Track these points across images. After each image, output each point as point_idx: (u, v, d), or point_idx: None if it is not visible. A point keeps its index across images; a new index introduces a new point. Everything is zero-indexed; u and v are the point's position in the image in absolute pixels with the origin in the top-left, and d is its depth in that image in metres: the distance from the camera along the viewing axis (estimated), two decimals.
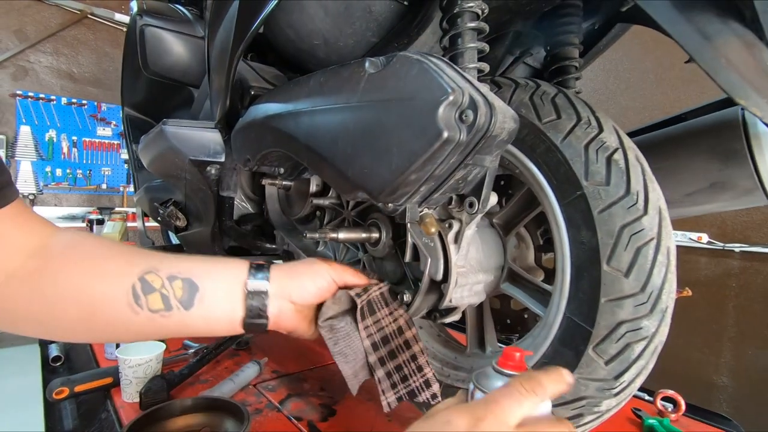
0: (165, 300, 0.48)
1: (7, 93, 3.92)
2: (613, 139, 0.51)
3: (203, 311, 0.49)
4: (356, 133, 0.47)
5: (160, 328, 0.49)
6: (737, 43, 0.39)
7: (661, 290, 0.48)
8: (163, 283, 0.48)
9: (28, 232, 0.48)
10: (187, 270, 0.49)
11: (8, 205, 0.45)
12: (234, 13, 0.68)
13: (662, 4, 0.40)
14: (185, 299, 0.48)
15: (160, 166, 0.94)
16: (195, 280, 0.49)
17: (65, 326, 0.49)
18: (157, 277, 0.48)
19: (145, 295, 0.47)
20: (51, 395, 0.80)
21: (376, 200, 0.48)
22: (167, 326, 0.49)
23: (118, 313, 0.47)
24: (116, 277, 0.48)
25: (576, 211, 0.52)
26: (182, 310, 0.48)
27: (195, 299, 0.49)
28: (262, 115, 0.62)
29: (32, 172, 4.00)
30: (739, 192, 0.62)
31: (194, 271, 0.50)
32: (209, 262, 0.52)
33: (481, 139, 0.43)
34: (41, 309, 0.47)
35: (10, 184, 0.46)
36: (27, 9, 3.99)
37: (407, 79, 0.44)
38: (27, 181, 3.96)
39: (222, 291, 0.50)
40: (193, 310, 0.49)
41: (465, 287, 0.59)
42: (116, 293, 0.47)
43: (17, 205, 0.47)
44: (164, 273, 0.48)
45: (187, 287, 0.49)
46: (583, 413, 0.52)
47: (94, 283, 0.47)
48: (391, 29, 0.69)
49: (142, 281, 0.47)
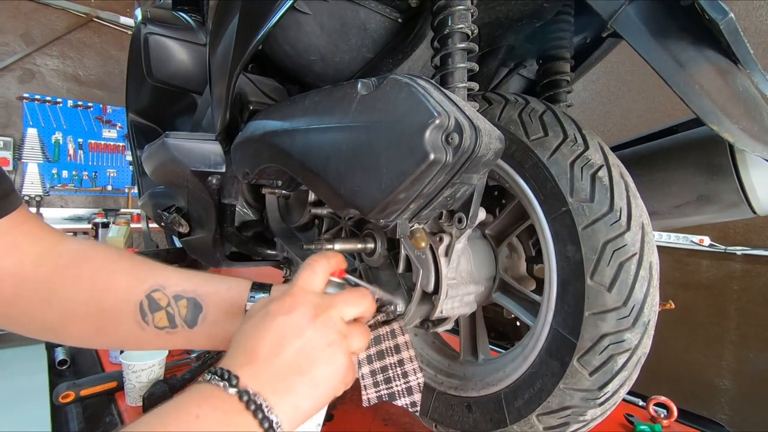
0: (170, 318, 0.50)
1: (14, 96, 3.97)
2: (597, 157, 0.53)
3: (206, 330, 0.52)
4: (348, 153, 0.49)
5: (165, 342, 0.52)
6: (711, 69, 0.40)
7: (644, 304, 0.50)
8: (169, 301, 0.50)
9: (36, 240, 0.49)
10: (192, 290, 0.52)
11: (13, 212, 0.47)
12: (234, 29, 0.70)
13: (639, 31, 0.41)
14: (189, 318, 0.51)
15: (162, 176, 0.97)
16: (199, 300, 0.51)
17: (75, 336, 0.51)
18: (164, 296, 0.50)
19: (152, 312, 0.50)
20: (57, 399, 0.82)
21: (367, 217, 0.50)
22: (172, 341, 0.52)
23: (126, 328, 0.50)
24: (125, 293, 0.50)
25: (562, 226, 0.53)
26: (186, 328, 0.51)
27: (198, 319, 0.51)
28: (260, 131, 0.65)
29: (39, 173, 4.05)
30: (725, 205, 0.64)
31: (199, 291, 0.52)
32: (213, 281, 0.54)
33: (467, 160, 0.45)
34: (53, 318, 0.49)
35: (13, 191, 0.48)
36: (33, 13, 4.05)
37: (396, 101, 0.46)
38: (34, 183, 4.01)
39: (223, 311, 0.53)
40: (197, 329, 0.51)
41: (456, 298, 0.61)
42: (125, 309, 0.49)
43: (22, 212, 0.49)
44: (170, 291, 0.51)
45: (192, 307, 0.51)
46: (569, 422, 0.54)
47: (105, 298, 0.49)
48: (385, 45, 0.71)
49: (149, 299, 0.50)
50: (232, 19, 0.72)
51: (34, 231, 0.50)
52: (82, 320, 0.50)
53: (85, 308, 0.49)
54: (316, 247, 0.66)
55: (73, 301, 0.49)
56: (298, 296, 0.41)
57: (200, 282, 0.53)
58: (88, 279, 0.50)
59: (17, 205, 0.48)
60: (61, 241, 0.52)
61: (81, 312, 0.49)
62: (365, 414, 0.88)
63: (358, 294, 0.45)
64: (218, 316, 0.52)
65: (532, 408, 0.56)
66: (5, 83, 3.94)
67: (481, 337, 0.74)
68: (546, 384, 0.54)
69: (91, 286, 0.50)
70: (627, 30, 0.42)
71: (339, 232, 0.83)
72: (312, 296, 0.42)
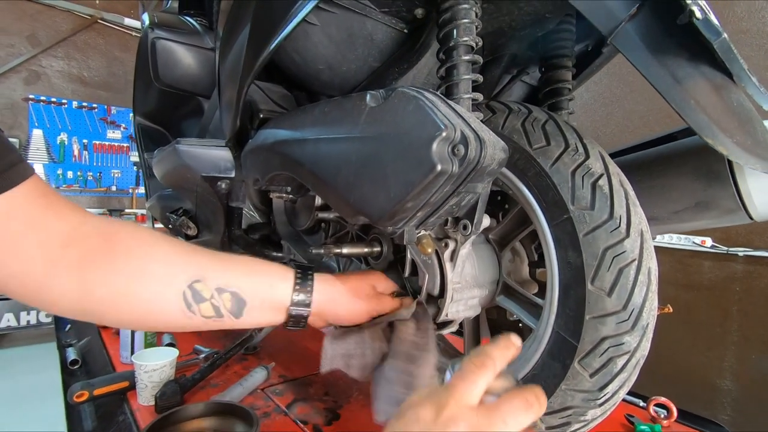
0: (216, 309, 0.52)
1: (20, 97, 4.01)
2: (598, 166, 0.55)
3: (252, 319, 0.54)
4: (357, 163, 0.51)
5: (212, 327, 0.53)
6: (706, 85, 0.42)
7: (642, 308, 0.51)
8: (212, 294, 0.51)
9: (57, 216, 0.47)
10: (235, 283, 0.53)
11: (25, 181, 0.44)
12: (245, 39, 0.72)
13: (638, 48, 0.43)
14: (235, 310, 0.53)
15: (173, 180, 0.99)
16: (242, 295, 0.53)
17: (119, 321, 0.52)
18: (206, 288, 0.51)
19: (197, 303, 0.51)
20: (72, 398, 0.85)
21: (375, 224, 0.52)
22: (220, 326, 0.53)
23: (171, 316, 0.50)
24: (166, 282, 0.50)
25: (563, 233, 0.55)
26: (232, 318, 0.53)
27: (244, 311, 0.53)
28: (271, 139, 0.67)
29: (44, 174, 4.09)
30: (723, 211, 0.65)
31: (241, 285, 0.53)
32: (253, 276, 0.55)
33: (472, 171, 0.47)
34: (92, 307, 0.48)
35: (21, 161, 0.44)
36: (39, 15, 4.08)
37: (405, 114, 0.48)
38: None
39: (268, 309, 0.55)
40: (243, 318, 0.53)
41: (460, 302, 0.63)
42: (168, 298, 0.50)
43: (38, 184, 0.45)
44: (212, 283, 0.51)
45: (236, 301, 0.53)
46: (570, 422, 0.56)
47: (145, 286, 0.49)
48: (391, 55, 0.73)
49: (192, 290, 0.50)
50: (242, 28, 0.74)
51: (53, 206, 0.47)
52: (125, 307, 0.49)
53: (127, 296, 0.48)
54: (325, 251, 0.68)
55: (109, 288, 0.48)
56: (455, 412, 0.36)
57: (240, 276, 0.54)
58: (123, 265, 0.48)
59: (26, 176, 0.44)
60: (86, 219, 0.49)
61: (120, 299, 0.48)
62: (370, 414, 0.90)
63: (523, 403, 0.38)
64: (263, 310, 0.55)
65: None
66: (11, 85, 3.98)
67: (485, 339, 0.76)
68: (548, 385, 0.56)
69: (127, 274, 0.48)
70: (626, 46, 0.44)
71: (345, 236, 0.85)
72: (469, 414, 0.36)
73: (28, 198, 0.44)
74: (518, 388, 0.39)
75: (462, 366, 0.39)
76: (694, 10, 0.37)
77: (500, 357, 0.39)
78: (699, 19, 0.38)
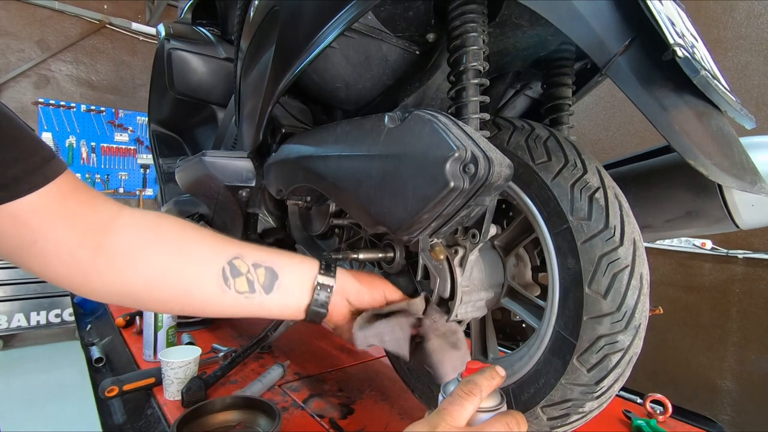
0: (250, 284, 0.56)
1: (30, 101, 4.09)
2: (595, 180, 0.60)
3: (280, 296, 0.58)
4: (378, 179, 0.57)
5: (242, 307, 0.57)
6: (689, 112, 0.47)
7: (635, 310, 0.57)
8: (248, 268, 0.56)
9: (95, 209, 0.49)
10: (270, 260, 0.58)
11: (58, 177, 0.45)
12: (269, 61, 0.78)
13: (629, 78, 0.49)
14: (267, 285, 0.57)
15: (195, 188, 1.05)
16: (276, 270, 0.57)
17: (160, 302, 0.55)
18: (244, 263, 0.56)
19: (234, 278, 0.55)
20: (103, 393, 0.90)
21: (394, 233, 0.57)
22: (248, 306, 0.57)
23: (209, 293, 0.54)
24: (207, 261, 0.54)
25: (563, 241, 0.61)
26: (263, 294, 0.57)
27: (275, 285, 0.57)
28: (294, 154, 0.72)
29: None
30: (711, 220, 0.71)
31: (275, 262, 0.58)
32: (286, 255, 0.60)
33: (481, 186, 0.52)
34: (135, 287, 0.51)
35: (54, 157, 0.46)
36: (48, 20, 4.16)
37: (421, 135, 0.54)
38: None
39: (297, 281, 0.59)
40: (272, 295, 0.57)
41: (469, 303, 0.69)
42: (208, 275, 0.54)
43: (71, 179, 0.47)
44: (249, 260, 0.56)
45: (269, 275, 0.57)
46: (569, 413, 0.62)
47: (188, 265, 0.53)
48: (404, 74, 0.79)
49: (230, 265, 0.55)
50: (267, 49, 0.80)
51: (89, 199, 0.49)
52: (167, 287, 0.53)
53: (171, 276, 0.52)
54: (342, 256, 0.73)
55: (154, 269, 0.51)
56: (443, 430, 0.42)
57: (275, 254, 0.59)
58: (168, 247, 0.53)
59: (60, 171, 0.46)
60: (122, 209, 0.53)
61: (164, 279, 0.52)
62: (383, 408, 0.96)
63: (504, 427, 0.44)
64: (292, 285, 0.58)
65: (537, 401, 0.63)
66: (21, 89, 4.06)
67: (491, 338, 0.82)
68: (549, 380, 0.62)
69: (172, 254, 0.53)
70: (618, 77, 0.49)
71: (359, 242, 0.91)
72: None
73: (64, 192, 0.46)
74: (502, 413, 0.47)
75: (453, 392, 0.47)
76: (676, 50, 0.43)
77: (486, 386, 0.47)
78: (681, 58, 0.43)
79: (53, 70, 4.22)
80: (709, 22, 2.18)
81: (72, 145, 4.31)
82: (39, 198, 0.44)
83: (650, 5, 0.45)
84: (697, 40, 0.57)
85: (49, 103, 4.16)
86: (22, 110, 4.03)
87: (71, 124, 4.30)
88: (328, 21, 0.65)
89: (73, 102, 4.29)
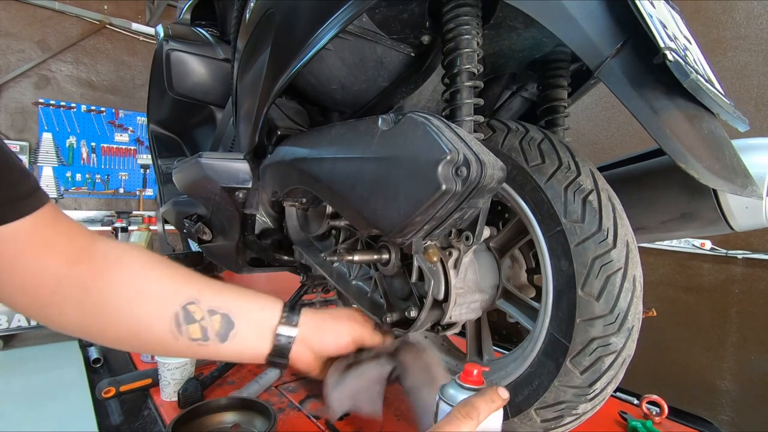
0: (203, 331, 0.54)
1: (30, 101, 4.09)
2: (588, 182, 0.60)
3: (236, 345, 0.56)
4: (371, 181, 0.57)
5: (195, 353, 0.55)
6: (680, 116, 0.47)
7: (628, 312, 0.57)
8: (203, 315, 0.54)
9: (71, 238, 0.50)
10: (226, 306, 0.55)
11: (41, 208, 0.46)
12: (264, 63, 0.78)
13: (620, 82, 0.49)
14: (222, 333, 0.54)
15: (192, 190, 1.05)
16: (232, 317, 0.55)
17: (110, 338, 0.53)
18: (199, 309, 0.53)
19: (187, 324, 0.53)
20: (100, 394, 0.91)
21: (387, 236, 0.58)
22: (201, 352, 0.55)
23: (160, 337, 0.52)
24: (161, 303, 0.52)
25: (557, 243, 0.61)
26: (218, 342, 0.54)
27: (230, 335, 0.55)
28: (290, 156, 0.73)
29: (53, 177, 4.18)
30: (706, 222, 0.71)
31: (232, 308, 0.55)
32: (246, 299, 0.58)
33: (474, 189, 0.52)
34: (89, 320, 0.51)
35: (38, 189, 0.47)
36: (49, 20, 4.16)
37: (413, 138, 0.54)
38: (48, 186, 4.13)
39: (254, 331, 0.57)
40: (227, 344, 0.55)
41: (463, 306, 0.69)
42: (160, 318, 0.52)
43: (52, 210, 0.48)
44: (205, 305, 0.54)
45: (225, 323, 0.55)
46: (563, 415, 0.62)
47: (141, 306, 0.52)
48: (399, 76, 0.79)
49: (184, 311, 0.53)
50: (263, 50, 0.80)
51: (67, 231, 0.50)
52: (118, 324, 0.51)
53: (121, 313, 0.51)
54: (338, 258, 0.74)
55: (108, 305, 0.50)
56: None
57: (233, 298, 0.56)
58: (125, 284, 0.51)
59: (44, 201, 0.47)
60: (96, 240, 0.52)
61: (116, 316, 0.51)
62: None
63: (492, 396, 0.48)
64: (249, 335, 0.56)
65: (531, 403, 0.63)
66: (22, 89, 4.06)
67: (486, 340, 0.82)
68: (543, 382, 0.62)
69: (128, 292, 0.51)
70: (610, 80, 0.49)
71: (355, 243, 0.91)
72: None
73: (46, 222, 0.47)
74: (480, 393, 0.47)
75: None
76: (667, 54, 0.43)
77: (485, 410, 0.47)
78: (671, 62, 0.43)
79: (53, 70, 4.22)
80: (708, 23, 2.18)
81: (72, 146, 4.32)
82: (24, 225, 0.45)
83: (641, 8, 0.45)
84: (690, 42, 0.57)
85: (49, 103, 4.17)
86: (22, 110, 4.03)
87: (71, 125, 4.31)
88: (323, 23, 0.65)
89: (73, 102, 4.30)
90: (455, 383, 0.51)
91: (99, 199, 4.46)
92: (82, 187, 4.33)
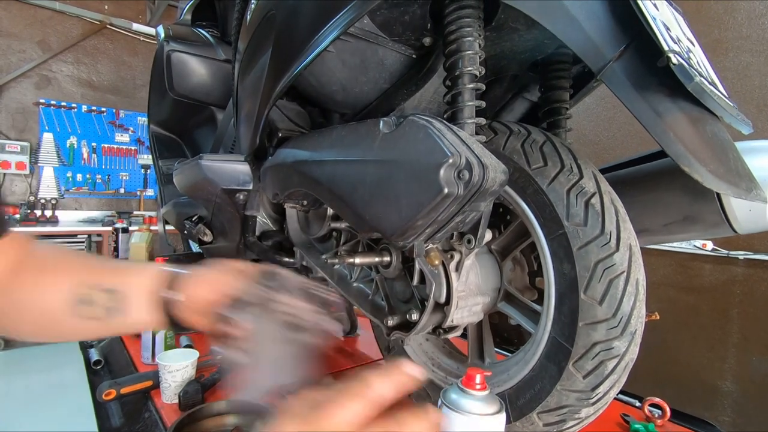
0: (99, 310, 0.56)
1: (31, 102, 4.09)
2: (591, 185, 0.60)
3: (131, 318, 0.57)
4: (372, 184, 0.57)
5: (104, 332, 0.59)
6: (684, 119, 0.47)
7: (631, 316, 0.57)
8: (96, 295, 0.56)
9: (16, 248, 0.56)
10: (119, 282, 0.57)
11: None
12: (265, 64, 0.78)
13: (623, 84, 0.48)
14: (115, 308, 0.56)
15: (193, 191, 1.05)
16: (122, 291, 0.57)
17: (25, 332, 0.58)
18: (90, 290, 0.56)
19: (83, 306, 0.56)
20: (101, 396, 0.90)
21: (388, 239, 0.57)
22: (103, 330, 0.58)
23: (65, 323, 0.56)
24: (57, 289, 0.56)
25: (559, 247, 0.61)
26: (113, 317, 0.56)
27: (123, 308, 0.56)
28: (291, 159, 0.72)
29: (54, 177, 4.17)
30: (709, 225, 0.70)
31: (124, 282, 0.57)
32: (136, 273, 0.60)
33: (476, 192, 0.52)
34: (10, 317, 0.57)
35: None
36: (49, 20, 4.16)
37: (415, 141, 0.54)
38: (49, 186, 4.13)
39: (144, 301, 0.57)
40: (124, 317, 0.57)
41: (465, 308, 0.68)
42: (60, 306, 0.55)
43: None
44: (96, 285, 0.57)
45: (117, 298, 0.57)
46: (565, 419, 0.61)
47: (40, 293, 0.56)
48: (400, 77, 0.78)
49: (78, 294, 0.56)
50: (264, 52, 0.80)
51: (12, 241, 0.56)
52: (29, 320, 0.57)
53: (30, 307, 0.56)
54: (339, 261, 0.73)
55: (20, 301, 0.56)
56: None
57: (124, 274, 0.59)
58: (29, 277, 0.56)
59: None
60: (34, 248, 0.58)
61: (27, 312, 0.56)
62: None
63: None
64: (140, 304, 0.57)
65: (533, 407, 0.63)
66: (22, 89, 4.06)
67: (488, 343, 0.81)
68: (545, 385, 0.62)
69: (31, 284, 0.56)
70: (613, 83, 0.49)
71: (356, 245, 0.90)
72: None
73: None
74: None
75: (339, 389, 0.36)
76: (671, 57, 0.43)
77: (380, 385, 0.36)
78: (675, 65, 0.43)
79: (54, 70, 4.22)
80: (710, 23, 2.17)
81: (73, 146, 4.32)
82: None
83: (644, 11, 0.45)
84: (693, 44, 0.57)
85: (50, 103, 4.16)
86: (23, 111, 4.03)
87: (72, 125, 4.30)
88: (324, 25, 0.65)
89: (74, 102, 4.30)
90: (458, 388, 0.50)
91: (100, 199, 4.45)
92: (83, 187, 4.33)
